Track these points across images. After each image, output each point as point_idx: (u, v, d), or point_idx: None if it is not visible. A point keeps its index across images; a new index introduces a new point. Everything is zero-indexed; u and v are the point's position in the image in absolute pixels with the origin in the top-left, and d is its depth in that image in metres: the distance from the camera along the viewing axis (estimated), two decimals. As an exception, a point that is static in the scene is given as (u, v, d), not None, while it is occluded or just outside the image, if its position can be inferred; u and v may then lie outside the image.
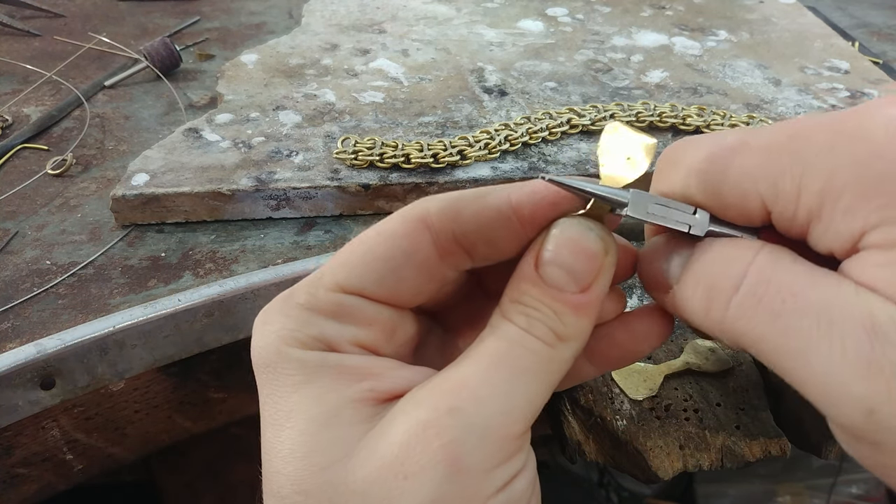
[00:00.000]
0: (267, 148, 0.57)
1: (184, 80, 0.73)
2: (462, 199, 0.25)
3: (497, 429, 0.23)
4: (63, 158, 0.59)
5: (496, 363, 0.23)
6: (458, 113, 0.62)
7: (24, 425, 0.44)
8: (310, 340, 0.24)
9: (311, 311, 0.25)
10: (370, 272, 0.25)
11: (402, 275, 0.25)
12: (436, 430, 0.22)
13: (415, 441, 0.22)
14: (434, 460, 0.22)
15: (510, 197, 0.25)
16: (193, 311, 0.45)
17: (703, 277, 0.24)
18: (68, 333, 0.42)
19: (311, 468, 0.23)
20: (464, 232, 0.25)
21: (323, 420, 0.23)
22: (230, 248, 0.51)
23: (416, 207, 0.25)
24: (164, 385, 0.48)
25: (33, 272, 0.49)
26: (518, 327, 0.24)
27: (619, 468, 0.37)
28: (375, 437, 0.23)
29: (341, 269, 0.25)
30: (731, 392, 0.38)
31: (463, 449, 0.22)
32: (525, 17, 0.82)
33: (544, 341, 0.24)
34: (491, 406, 0.23)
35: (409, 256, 0.25)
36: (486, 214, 0.25)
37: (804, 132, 0.21)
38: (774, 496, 1.11)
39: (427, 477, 0.22)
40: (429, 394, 0.23)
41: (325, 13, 0.82)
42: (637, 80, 0.68)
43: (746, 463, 0.35)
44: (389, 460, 0.22)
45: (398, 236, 0.25)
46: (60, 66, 0.74)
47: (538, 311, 0.24)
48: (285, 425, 0.23)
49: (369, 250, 0.25)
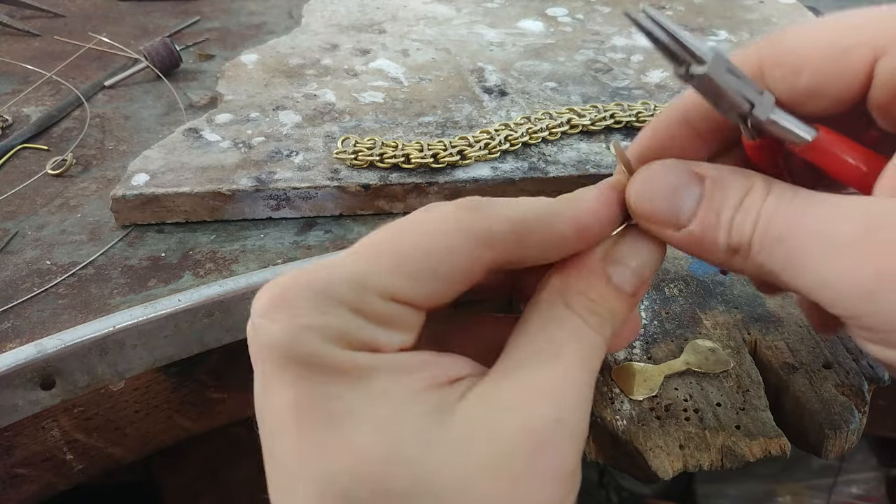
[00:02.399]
0: (267, 148, 0.57)
1: (184, 80, 0.73)
2: (528, 222, 0.24)
3: (585, 434, 0.24)
4: (63, 158, 0.59)
5: (581, 368, 0.24)
6: (458, 113, 0.62)
7: (24, 425, 0.44)
8: (359, 344, 0.23)
9: (359, 315, 0.23)
10: (426, 287, 0.23)
11: (454, 290, 0.24)
12: (546, 441, 0.22)
13: (523, 448, 0.22)
14: (546, 473, 0.22)
15: (579, 223, 0.25)
16: (193, 311, 0.45)
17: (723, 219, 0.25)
18: (68, 333, 0.42)
19: (394, 464, 0.21)
20: (524, 257, 0.25)
21: (395, 415, 0.22)
22: (230, 249, 0.51)
23: (478, 222, 0.24)
24: (164, 385, 0.48)
25: (33, 272, 0.49)
26: (589, 328, 0.25)
27: (619, 468, 0.37)
28: (461, 435, 0.22)
29: (395, 278, 0.23)
30: (731, 392, 0.38)
31: (571, 460, 0.23)
32: (525, 17, 0.82)
33: (605, 337, 0.25)
34: (584, 412, 0.24)
35: (466, 275, 0.24)
36: (553, 241, 0.25)
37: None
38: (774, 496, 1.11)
39: (532, 484, 0.22)
40: (523, 397, 0.23)
41: (325, 13, 0.82)
42: (637, 80, 0.68)
43: (746, 463, 0.35)
44: (492, 461, 0.22)
45: (458, 255, 0.24)
46: (60, 66, 0.74)
47: (603, 310, 0.25)
48: (345, 425, 0.21)
49: (426, 263, 0.23)
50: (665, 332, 0.42)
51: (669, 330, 0.42)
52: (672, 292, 0.45)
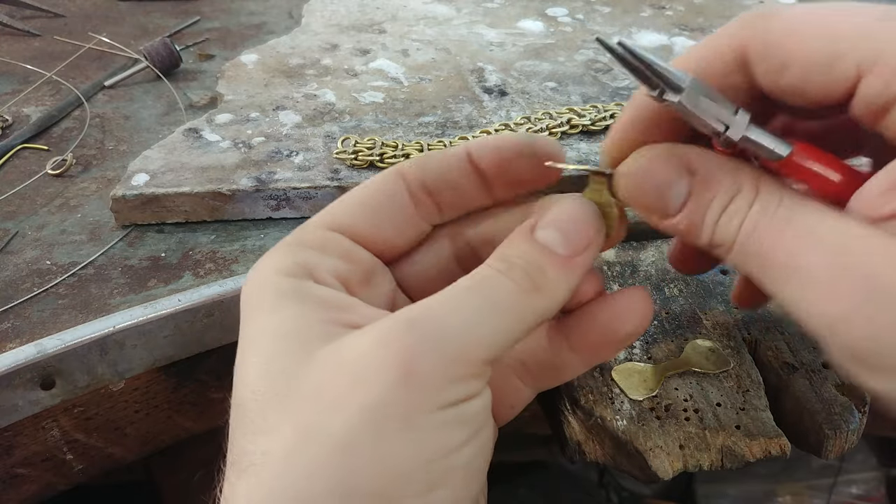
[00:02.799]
0: (267, 148, 0.57)
1: (184, 80, 0.73)
2: (432, 153, 0.30)
3: (453, 345, 0.23)
4: (63, 158, 0.59)
5: (463, 292, 0.25)
6: (458, 113, 0.62)
7: (24, 425, 0.44)
8: (291, 266, 0.26)
9: (297, 245, 0.27)
10: (353, 212, 0.28)
11: (382, 215, 0.28)
12: (392, 338, 0.23)
13: (371, 349, 0.23)
14: (387, 365, 0.22)
15: (468, 148, 0.28)
16: (193, 311, 0.45)
17: (707, 220, 0.25)
18: (68, 333, 0.42)
19: (268, 374, 0.24)
20: (431, 180, 0.29)
21: (288, 333, 0.24)
22: (230, 249, 0.51)
23: (394, 165, 0.30)
24: (164, 385, 0.48)
25: (33, 272, 0.49)
26: (494, 269, 0.25)
27: (619, 468, 0.37)
28: (332, 349, 0.24)
29: (327, 212, 0.29)
30: (731, 392, 0.38)
31: (415, 356, 0.22)
32: (525, 17, 0.82)
33: (519, 284, 0.25)
34: (450, 323, 0.23)
35: (388, 199, 0.28)
36: (448, 164, 0.28)
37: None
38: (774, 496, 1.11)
39: (378, 380, 0.22)
40: (392, 316, 0.24)
41: (325, 13, 0.82)
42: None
43: (746, 463, 0.35)
44: (344, 368, 0.23)
45: (377, 184, 0.29)
46: (60, 66, 0.74)
47: (520, 260, 0.25)
48: (255, 342, 0.25)
49: (353, 195, 0.29)
50: (665, 332, 0.42)
51: (669, 330, 0.42)
52: (672, 292, 0.45)
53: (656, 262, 0.47)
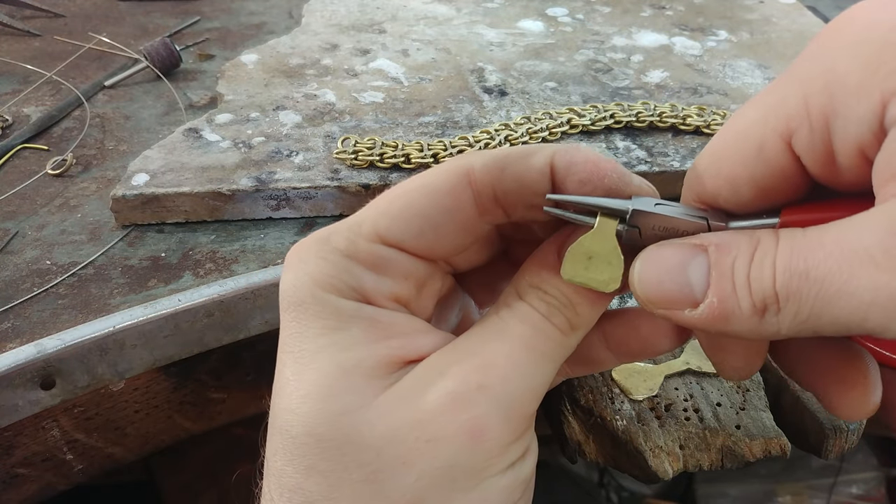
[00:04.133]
0: (267, 148, 0.57)
1: (184, 80, 0.73)
2: (508, 157, 0.25)
3: (518, 407, 0.24)
4: (63, 158, 0.59)
5: (522, 346, 0.24)
6: (458, 113, 0.62)
7: (24, 425, 0.44)
8: (347, 289, 0.24)
9: (350, 260, 0.25)
10: (411, 226, 0.25)
11: (442, 230, 0.25)
12: (465, 402, 0.23)
13: (442, 409, 0.23)
14: (459, 430, 0.23)
15: (553, 163, 0.25)
16: (193, 311, 0.45)
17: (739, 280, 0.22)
18: (68, 333, 0.42)
19: (327, 413, 0.23)
20: (505, 192, 0.25)
21: (348, 367, 0.23)
22: (230, 248, 0.51)
23: (459, 161, 0.26)
24: (164, 385, 0.48)
25: (33, 272, 0.49)
26: (539, 314, 0.25)
27: (619, 468, 0.37)
28: (397, 397, 0.23)
29: (382, 219, 0.25)
30: (731, 392, 0.38)
31: (487, 423, 0.23)
32: (525, 17, 0.82)
33: (561, 329, 0.25)
34: (516, 385, 0.24)
35: (451, 212, 0.25)
36: (529, 176, 0.25)
37: (796, 61, 0.21)
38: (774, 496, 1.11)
39: (449, 444, 0.23)
40: (457, 367, 0.24)
41: (325, 13, 0.82)
42: (637, 80, 0.68)
43: (746, 463, 0.35)
44: (412, 422, 0.23)
45: (441, 192, 0.25)
46: (60, 66, 0.74)
47: (557, 301, 0.25)
48: (309, 366, 0.24)
49: (411, 203, 0.25)
50: (665, 332, 0.42)
51: (669, 330, 0.42)
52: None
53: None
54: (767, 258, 0.21)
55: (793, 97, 0.21)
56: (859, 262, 0.19)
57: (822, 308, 0.20)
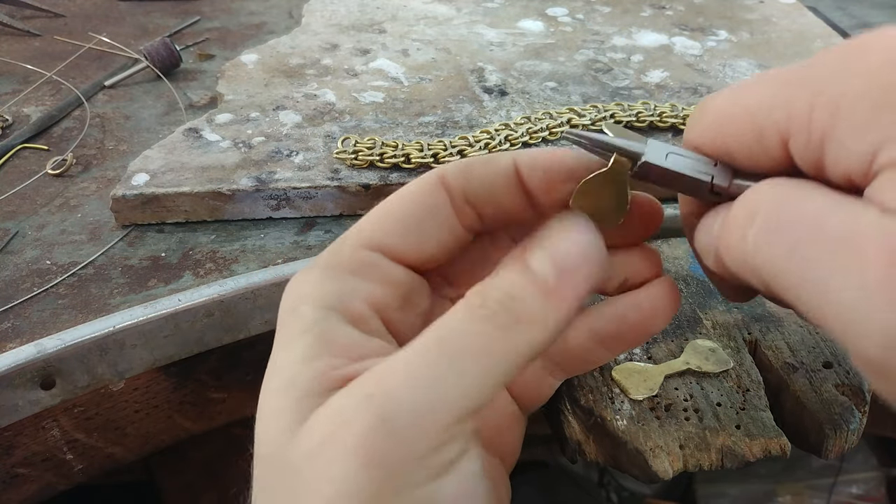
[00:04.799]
0: (267, 148, 0.57)
1: (184, 80, 0.73)
2: (476, 160, 0.27)
3: (423, 417, 0.21)
4: (63, 158, 0.59)
5: (430, 347, 0.22)
6: (458, 113, 0.62)
7: (24, 425, 0.44)
8: (321, 295, 0.25)
9: (331, 268, 0.26)
10: (393, 228, 0.26)
11: (423, 230, 0.26)
12: (349, 417, 0.21)
13: (334, 427, 0.21)
14: (348, 450, 0.21)
15: (515, 161, 0.26)
16: (193, 311, 0.45)
17: (726, 220, 0.23)
18: (68, 333, 0.42)
19: (270, 431, 0.23)
20: (474, 192, 0.26)
21: (295, 384, 0.23)
22: (230, 248, 0.51)
23: (433, 170, 0.27)
24: (164, 385, 0.48)
25: (33, 272, 0.49)
26: (463, 310, 0.22)
27: (619, 468, 0.37)
28: (318, 417, 0.22)
29: (366, 227, 0.27)
30: (731, 392, 0.38)
31: (375, 439, 0.20)
32: (525, 17, 0.82)
33: (494, 322, 0.22)
34: (411, 394, 0.21)
35: (429, 212, 0.26)
36: (493, 177, 0.26)
37: (817, 59, 0.22)
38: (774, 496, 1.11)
39: (344, 465, 0.21)
40: (351, 388, 0.22)
41: (325, 13, 0.82)
42: (637, 80, 0.68)
43: (746, 463, 0.35)
44: (318, 442, 0.21)
45: (418, 194, 0.27)
46: (60, 66, 0.74)
47: (498, 292, 0.23)
48: (268, 382, 0.24)
49: (392, 208, 0.27)
50: (665, 332, 0.42)
51: (669, 330, 0.42)
52: (672, 292, 0.45)
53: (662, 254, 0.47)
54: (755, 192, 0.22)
55: (800, 103, 0.21)
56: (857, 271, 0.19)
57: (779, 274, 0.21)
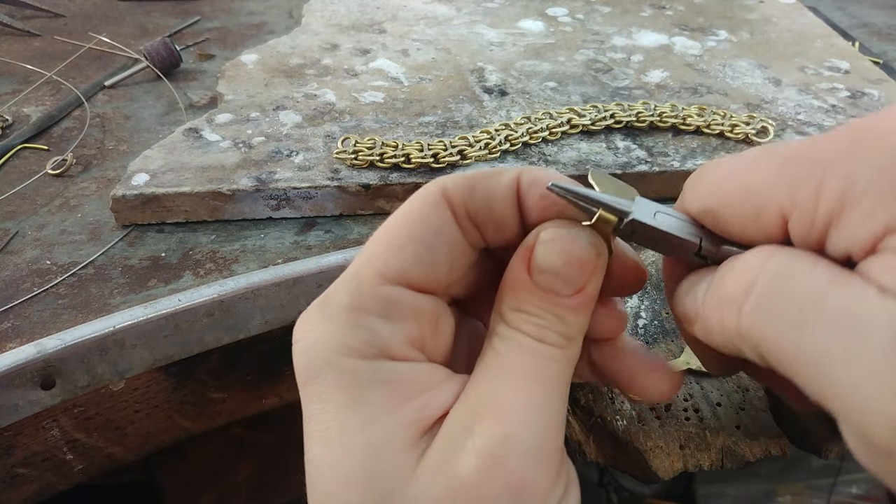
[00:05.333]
0: (267, 148, 0.57)
1: (184, 80, 0.73)
2: (478, 174, 0.26)
3: (547, 443, 0.23)
4: (63, 158, 0.59)
5: (529, 379, 0.24)
6: (458, 113, 0.62)
7: (24, 425, 0.44)
8: (362, 345, 0.24)
9: (358, 311, 0.24)
10: (406, 253, 0.25)
11: (436, 253, 0.25)
12: (498, 459, 0.22)
13: (479, 472, 0.22)
14: (502, 489, 0.22)
15: (518, 176, 0.25)
16: (193, 311, 0.45)
17: (717, 291, 0.23)
18: (68, 333, 0.42)
19: (371, 496, 0.22)
20: (476, 209, 0.25)
21: (378, 445, 0.23)
22: (230, 248, 0.51)
23: (433, 185, 0.26)
24: (164, 385, 0.48)
25: (33, 272, 0.49)
26: (531, 338, 0.24)
27: (619, 468, 0.37)
28: (432, 467, 0.23)
29: (377, 259, 0.25)
30: (731, 392, 0.38)
31: (525, 474, 0.22)
32: (525, 17, 0.82)
33: (558, 346, 0.24)
34: (538, 423, 0.23)
35: (438, 233, 0.25)
36: (498, 192, 0.25)
37: (824, 140, 0.21)
38: (774, 496, 1.11)
39: (496, 499, 0.22)
40: (479, 420, 0.23)
41: (325, 13, 0.82)
42: (637, 80, 0.68)
43: (746, 463, 0.35)
44: (454, 492, 0.22)
45: (424, 216, 0.25)
46: (60, 66, 0.74)
47: (543, 319, 0.24)
48: (340, 447, 0.23)
49: (399, 233, 0.25)
50: (665, 332, 0.42)
51: (669, 330, 0.42)
52: (672, 292, 0.45)
53: (656, 261, 0.47)
54: (754, 263, 0.22)
55: (807, 186, 0.21)
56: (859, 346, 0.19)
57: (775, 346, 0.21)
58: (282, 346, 0.50)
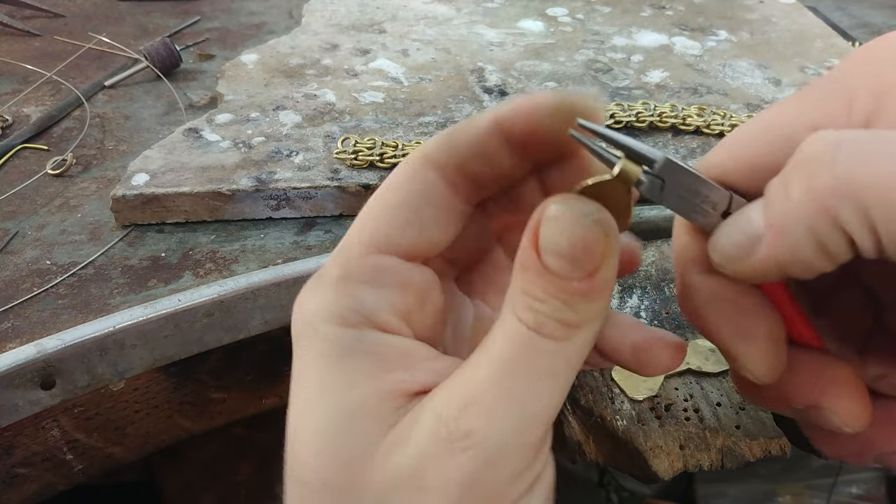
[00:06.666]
0: (267, 148, 0.57)
1: (184, 80, 0.73)
2: (454, 129, 0.25)
3: (513, 443, 0.22)
4: (63, 158, 0.59)
5: (508, 371, 0.22)
6: (458, 113, 0.62)
7: (24, 425, 0.44)
8: (348, 312, 0.24)
9: (346, 280, 0.24)
10: (394, 221, 0.25)
11: (424, 216, 0.25)
12: (451, 451, 0.22)
13: (431, 456, 0.22)
14: (450, 480, 0.21)
15: (495, 115, 0.24)
16: (193, 311, 0.45)
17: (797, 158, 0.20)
18: (68, 333, 0.42)
19: (334, 461, 0.23)
20: (464, 161, 0.25)
21: (351, 410, 0.23)
22: (230, 248, 0.51)
23: (415, 152, 0.26)
24: (164, 385, 0.48)
25: (33, 272, 0.49)
26: (527, 327, 0.23)
27: (619, 468, 0.37)
28: (397, 441, 0.22)
29: (364, 228, 0.25)
30: (731, 392, 0.38)
31: (477, 468, 0.22)
32: (525, 17, 0.82)
33: (556, 338, 0.22)
34: (506, 422, 0.22)
35: (425, 196, 0.25)
36: (476, 136, 0.24)
37: (836, 68, 0.22)
38: (774, 496, 1.11)
39: (443, 494, 0.21)
40: (445, 403, 0.22)
41: (325, 13, 0.82)
42: (637, 80, 0.68)
43: (746, 463, 0.35)
44: (408, 470, 0.22)
45: (408, 181, 0.25)
46: (60, 66, 0.74)
47: (546, 304, 0.22)
48: (315, 409, 0.23)
49: (387, 202, 0.25)
50: (665, 332, 0.42)
51: (670, 330, 0.42)
52: (672, 292, 0.45)
53: (657, 261, 0.47)
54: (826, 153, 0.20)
55: (836, 99, 0.21)
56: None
57: None
58: (282, 346, 0.50)
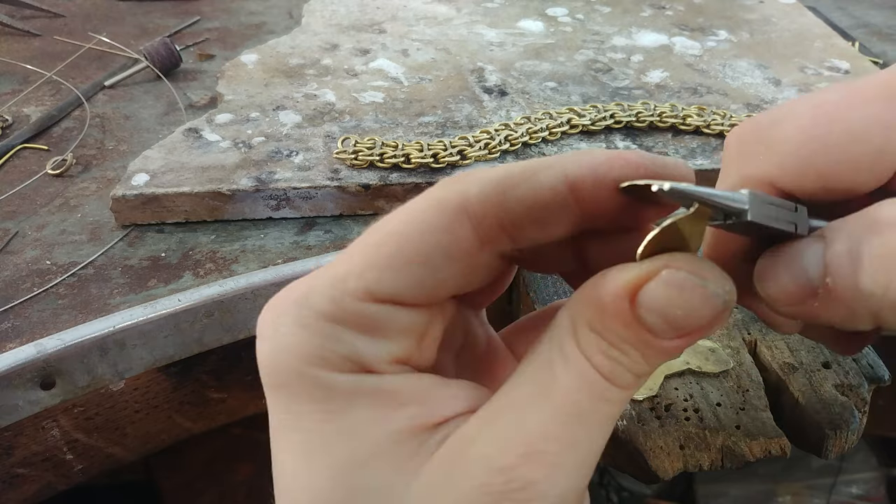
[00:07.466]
0: (267, 148, 0.57)
1: (184, 80, 0.73)
2: (509, 178, 0.21)
3: (573, 492, 0.20)
4: (63, 158, 0.59)
5: (576, 419, 0.20)
6: (458, 113, 0.62)
7: (24, 425, 0.44)
8: (339, 360, 0.20)
9: (338, 325, 0.20)
10: (405, 275, 0.20)
11: (441, 274, 0.21)
12: (508, 499, 0.19)
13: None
14: None
15: (566, 174, 0.21)
16: (193, 311, 0.45)
17: (879, 248, 0.19)
18: (68, 333, 0.42)
19: None
20: (511, 219, 0.21)
21: (363, 460, 0.20)
22: (230, 248, 0.51)
23: (451, 191, 0.21)
24: (164, 385, 0.48)
25: (33, 272, 0.49)
26: (600, 374, 0.20)
27: (619, 468, 0.37)
28: (432, 488, 0.20)
29: (370, 272, 0.20)
30: (731, 392, 0.38)
31: None
32: (525, 17, 0.82)
33: (625, 388, 0.21)
34: (570, 471, 0.20)
35: (448, 252, 0.21)
36: (539, 196, 0.21)
37: None
38: (774, 496, 1.11)
39: None
40: (500, 450, 0.20)
41: (325, 13, 0.82)
42: (637, 80, 0.68)
43: (746, 463, 0.35)
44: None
45: (434, 230, 0.21)
46: (60, 66, 0.74)
47: (625, 356, 0.20)
48: (317, 463, 0.20)
49: (401, 248, 0.20)
50: (665, 332, 0.42)
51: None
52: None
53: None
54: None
55: None
56: None
57: None
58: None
